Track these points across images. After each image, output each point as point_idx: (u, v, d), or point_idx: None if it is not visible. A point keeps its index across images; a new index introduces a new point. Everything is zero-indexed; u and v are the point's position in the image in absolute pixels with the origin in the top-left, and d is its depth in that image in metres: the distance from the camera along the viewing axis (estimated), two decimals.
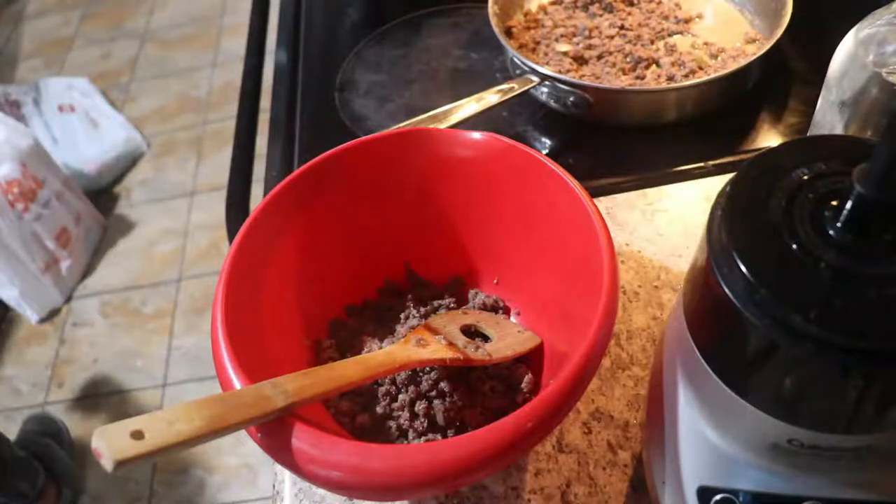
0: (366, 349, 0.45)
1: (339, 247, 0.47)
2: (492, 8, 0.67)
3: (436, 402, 0.41)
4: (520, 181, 0.44)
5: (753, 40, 0.65)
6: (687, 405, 0.31)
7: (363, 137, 0.46)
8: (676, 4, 0.71)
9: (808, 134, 0.48)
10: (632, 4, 0.72)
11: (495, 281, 0.49)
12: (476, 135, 0.45)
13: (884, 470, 0.28)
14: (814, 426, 0.26)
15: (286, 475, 0.44)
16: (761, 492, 0.29)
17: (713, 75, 0.58)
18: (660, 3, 0.71)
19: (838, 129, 0.42)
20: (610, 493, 0.40)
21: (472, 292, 0.48)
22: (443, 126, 0.57)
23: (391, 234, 0.48)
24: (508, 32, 0.69)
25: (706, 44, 0.66)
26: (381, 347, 0.44)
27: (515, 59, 0.63)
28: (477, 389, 0.42)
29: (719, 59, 0.64)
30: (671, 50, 0.65)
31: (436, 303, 0.48)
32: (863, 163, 0.24)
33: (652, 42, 0.67)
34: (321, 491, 0.42)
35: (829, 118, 0.42)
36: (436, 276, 0.50)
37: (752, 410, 0.27)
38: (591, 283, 0.37)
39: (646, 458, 0.37)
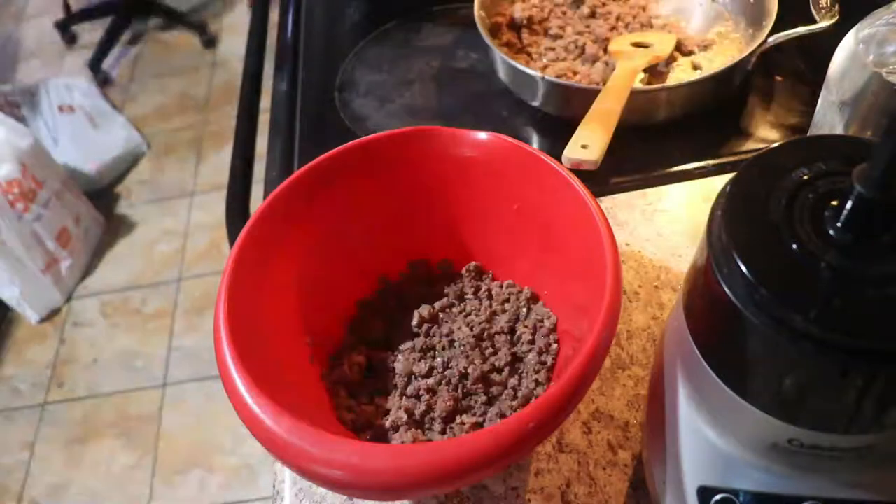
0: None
1: (342, 246, 0.47)
2: (478, 12, 0.66)
3: (436, 401, 0.41)
4: (525, 181, 0.44)
5: (741, 40, 0.65)
6: (687, 405, 0.31)
7: (366, 137, 0.46)
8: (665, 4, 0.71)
9: (808, 134, 0.48)
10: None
11: None
12: (482, 135, 0.45)
13: (884, 470, 0.28)
14: (814, 426, 0.26)
15: (286, 475, 0.44)
16: (761, 492, 0.29)
17: (703, 75, 0.59)
18: (647, 4, 0.71)
19: (838, 129, 0.42)
20: (610, 493, 0.40)
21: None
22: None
23: (395, 234, 0.48)
24: (496, 33, 0.68)
25: (695, 43, 0.66)
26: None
27: (507, 61, 0.63)
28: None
29: (708, 58, 0.64)
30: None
31: (439, 303, 0.48)
32: (863, 163, 0.24)
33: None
34: (321, 491, 0.42)
35: (829, 118, 0.42)
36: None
37: (752, 410, 0.27)
38: (594, 282, 0.37)
39: (646, 457, 0.37)
